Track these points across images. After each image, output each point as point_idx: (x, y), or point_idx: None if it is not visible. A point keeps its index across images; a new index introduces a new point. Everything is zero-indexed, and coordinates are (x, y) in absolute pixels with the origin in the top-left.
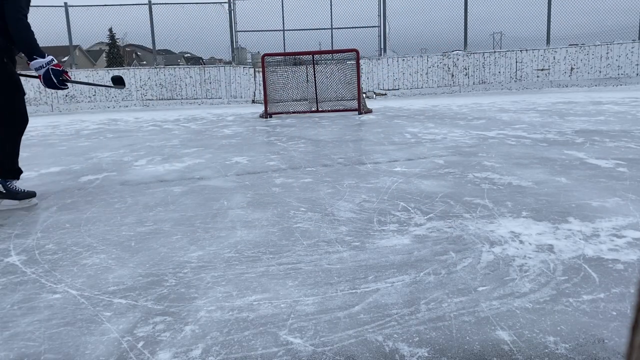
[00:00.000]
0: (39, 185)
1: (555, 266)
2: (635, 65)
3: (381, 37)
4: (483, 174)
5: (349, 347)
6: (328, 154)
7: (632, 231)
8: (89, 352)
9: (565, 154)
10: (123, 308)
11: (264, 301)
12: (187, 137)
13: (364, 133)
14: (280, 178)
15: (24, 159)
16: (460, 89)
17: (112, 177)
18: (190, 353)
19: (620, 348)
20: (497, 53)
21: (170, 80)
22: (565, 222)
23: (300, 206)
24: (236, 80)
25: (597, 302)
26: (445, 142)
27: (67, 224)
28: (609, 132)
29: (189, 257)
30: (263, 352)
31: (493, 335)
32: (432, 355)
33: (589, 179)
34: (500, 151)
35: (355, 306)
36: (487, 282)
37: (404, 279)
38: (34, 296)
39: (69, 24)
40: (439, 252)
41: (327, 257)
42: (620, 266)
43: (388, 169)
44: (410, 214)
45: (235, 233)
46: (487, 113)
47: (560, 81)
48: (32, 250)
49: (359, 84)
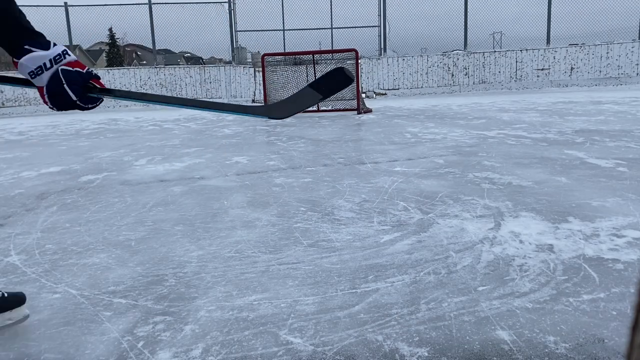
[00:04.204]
0: (39, 185)
1: (555, 266)
2: (635, 65)
3: (381, 37)
4: (483, 174)
5: (349, 347)
6: (328, 154)
7: (632, 231)
8: (89, 351)
9: (566, 153)
10: (123, 308)
11: (264, 301)
12: (187, 137)
13: (364, 133)
14: (280, 178)
15: (24, 159)
16: (460, 89)
17: (112, 176)
18: (190, 353)
19: (620, 348)
20: (497, 53)
21: (170, 80)
22: (565, 222)
23: (300, 206)
24: (236, 80)
25: (597, 302)
26: (445, 141)
27: (67, 224)
28: (609, 131)
29: (189, 257)
30: (263, 352)
31: (493, 335)
32: (432, 355)
33: (589, 178)
34: (500, 151)
35: (355, 306)
36: (487, 281)
37: (404, 279)
38: (34, 296)
39: (69, 23)
40: (439, 252)
41: (327, 257)
42: (620, 266)
43: (388, 169)
44: (410, 214)
45: (235, 233)
46: (487, 113)
47: (560, 81)
48: (32, 250)
49: (358, 84)
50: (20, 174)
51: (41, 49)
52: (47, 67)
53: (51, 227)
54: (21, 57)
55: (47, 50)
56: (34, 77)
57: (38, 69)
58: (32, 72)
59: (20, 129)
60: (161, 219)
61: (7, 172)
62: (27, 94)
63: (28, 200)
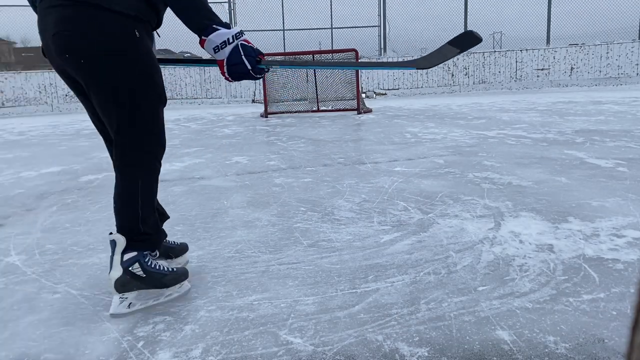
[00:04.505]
0: (39, 185)
1: (555, 266)
2: (635, 65)
3: (381, 37)
4: (483, 174)
5: (349, 347)
6: (328, 154)
7: (632, 231)
8: (89, 351)
9: (565, 153)
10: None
11: (264, 301)
12: (187, 137)
13: (364, 133)
14: (280, 178)
15: (23, 159)
16: (460, 89)
17: (112, 176)
18: (190, 353)
19: (620, 348)
20: (497, 53)
21: (170, 80)
22: (565, 222)
23: (300, 206)
24: None
25: (597, 302)
26: (445, 141)
27: (67, 224)
28: (609, 131)
29: (189, 257)
30: (263, 352)
31: (493, 335)
32: (432, 355)
33: (589, 178)
34: (501, 151)
35: (355, 306)
36: (487, 281)
37: (404, 279)
38: (34, 296)
39: None
40: (439, 251)
41: (327, 257)
42: (620, 266)
43: (388, 169)
44: (410, 214)
45: (235, 233)
46: (487, 113)
47: (560, 81)
48: (32, 250)
49: (358, 84)
50: (20, 174)
51: (225, 28)
52: (229, 42)
53: (51, 227)
54: (208, 35)
55: (230, 29)
56: (217, 51)
57: (222, 43)
58: (217, 47)
59: (20, 129)
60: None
61: (7, 172)
62: (27, 94)
63: (28, 200)
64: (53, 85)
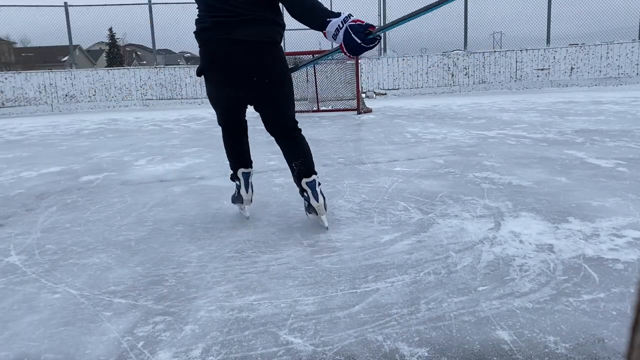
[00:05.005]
0: (39, 185)
1: (555, 266)
2: (635, 65)
3: (381, 37)
4: (483, 174)
5: (349, 347)
6: (328, 154)
7: (632, 231)
8: (89, 351)
9: (566, 153)
10: (123, 308)
11: (264, 301)
12: (187, 137)
13: (364, 133)
14: (280, 178)
15: (23, 159)
16: (460, 89)
17: (112, 177)
18: (190, 353)
19: (620, 348)
20: (497, 53)
21: (171, 80)
22: (565, 222)
23: (300, 206)
24: None
25: (597, 302)
26: (446, 141)
27: (67, 224)
28: (609, 131)
29: (189, 257)
30: (263, 352)
31: (493, 335)
32: (432, 355)
33: (589, 178)
34: (501, 151)
35: (355, 306)
36: (487, 281)
37: (404, 279)
38: (34, 296)
39: (69, 23)
40: (439, 252)
41: (327, 257)
42: (620, 266)
43: (388, 169)
44: (410, 214)
45: (235, 233)
46: (487, 113)
47: (560, 81)
48: (32, 250)
49: (358, 84)
50: (20, 174)
51: (335, 17)
52: (340, 27)
53: (51, 227)
54: (326, 28)
55: (339, 17)
56: (335, 37)
57: (336, 30)
58: (333, 35)
59: (20, 129)
60: (161, 219)
61: (7, 172)
62: (27, 94)
63: (28, 200)
64: (53, 85)
